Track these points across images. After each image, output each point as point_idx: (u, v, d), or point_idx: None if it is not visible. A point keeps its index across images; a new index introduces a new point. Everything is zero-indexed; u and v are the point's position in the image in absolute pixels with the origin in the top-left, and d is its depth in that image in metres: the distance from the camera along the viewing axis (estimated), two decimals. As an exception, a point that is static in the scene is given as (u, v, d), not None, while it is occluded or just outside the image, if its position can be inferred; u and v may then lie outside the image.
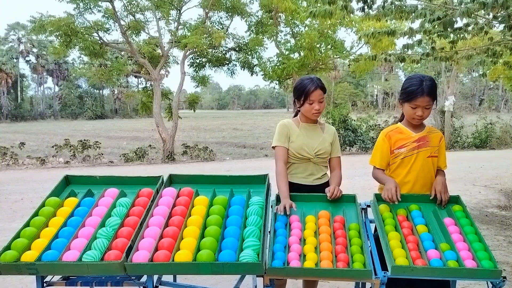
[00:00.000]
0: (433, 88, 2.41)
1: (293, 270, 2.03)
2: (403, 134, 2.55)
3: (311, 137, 2.72)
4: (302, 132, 2.72)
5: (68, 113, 51.26)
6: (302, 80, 2.68)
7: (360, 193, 3.06)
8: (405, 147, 2.53)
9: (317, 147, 2.70)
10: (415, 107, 2.43)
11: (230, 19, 14.99)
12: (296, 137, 2.70)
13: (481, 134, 16.88)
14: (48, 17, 12.60)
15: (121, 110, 57.13)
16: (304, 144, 2.69)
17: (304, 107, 2.65)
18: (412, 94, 2.41)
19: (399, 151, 2.53)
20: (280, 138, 2.69)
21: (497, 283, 2.01)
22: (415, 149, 2.52)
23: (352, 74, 24.81)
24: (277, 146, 2.69)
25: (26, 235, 2.21)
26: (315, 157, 2.71)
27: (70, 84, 53.06)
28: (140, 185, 2.66)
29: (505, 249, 4.62)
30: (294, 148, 2.68)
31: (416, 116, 2.45)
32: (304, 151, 2.68)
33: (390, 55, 7.60)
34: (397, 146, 2.54)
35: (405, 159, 2.53)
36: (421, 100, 2.40)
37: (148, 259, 2.01)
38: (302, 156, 2.69)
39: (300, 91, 2.63)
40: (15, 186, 8.98)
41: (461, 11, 4.39)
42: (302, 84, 2.63)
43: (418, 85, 2.39)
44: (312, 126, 2.76)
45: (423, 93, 2.38)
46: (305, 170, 2.74)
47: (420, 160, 2.52)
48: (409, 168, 2.53)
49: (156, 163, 13.44)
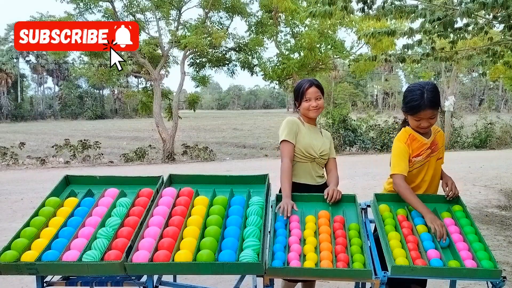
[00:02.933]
0: (435, 99, 2.32)
1: (293, 270, 2.03)
2: (418, 141, 2.47)
3: (315, 137, 2.76)
4: (307, 131, 2.74)
5: (68, 113, 51.22)
6: (299, 82, 2.80)
7: (360, 193, 3.06)
8: (421, 155, 2.47)
9: (321, 147, 2.73)
10: (419, 119, 2.38)
11: (230, 19, 15.00)
12: (303, 135, 2.71)
13: (481, 134, 16.88)
14: (48, 17, 12.62)
15: (121, 110, 57.09)
16: (311, 143, 2.70)
17: (302, 106, 2.71)
18: (414, 108, 2.34)
19: (416, 159, 2.48)
20: (290, 133, 2.67)
21: (497, 283, 2.01)
22: (429, 156, 2.49)
23: (352, 74, 24.82)
24: (286, 140, 2.65)
25: (26, 235, 2.22)
26: (319, 157, 2.73)
27: (70, 84, 53.03)
28: (140, 185, 2.66)
29: (505, 249, 4.62)
30: (303, 146, 2.68)
31: (422, 127, 2.41)
32: (312, 149, 2.70)
33: (390, 55, 7.61)
34: (414, 154, 2.47)
35: (421, 167, 2.50)
36: (424, 114, 2.34)
37: (148, 259, 2.01)
38: (310, 155, 2.70)
39: (297, 91, 2.73)
40: (15, 186, 8.98)
41: (461, 11, 4.39)
42: (299, 85, 2.74)
43: (419, 99, 2.30)
44: (313, 128, 2.79)
45: (425, 107, 2.31)
46: (311, 170, 2.74)
47: (433, 165, 2.52)
48: (424, 175, 2.52)
49: (156, 163, 13.44)
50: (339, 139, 15.32)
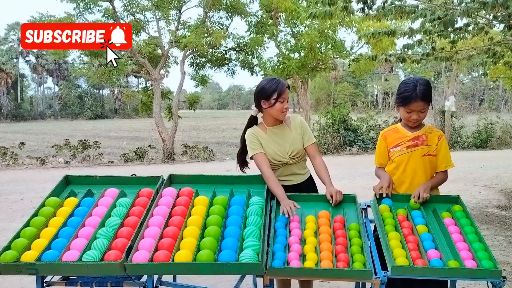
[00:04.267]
0: (427, 93, 2.42)
1: (293, 270, 2.03)
2: (399, 133, 2.60)
3: (281, 140, 2.69)
4: (271, 137, 2.69)
5: (68, 113, 51.19)
6: (268, 81, 2.62)
7: (360, 193, 3.06)
8: (399, 146, 2.57)
9: (289, 149, 2.68)
10: (410, 111, 2.48)
11: (230, 19, 14.98)
12: (266, 144, 2.67)
13: (481, 134, 16.88)
14: (48, 17, 12.61)
15: (121, 110, 57.07)
16: (276, 149, 2.66)
17: (275, 107, 2.59)
18: (406, 99, 2.44)
19: (394, 150, 2.59)
20: (254, 146, 2.65)
21: (497, 283, 2.01)
22: (409, 147, 2.55)
23: (352, 74, 24.80)
24: (254, 155, 2.64)
25: (26, 235, 2.21)
26: (291, 159, 2.69)
27: (70, 84, 52.99)
28: (140, 185, 2.66)
29: (505, 249, 4.62)
30: (269, 155, 2.65)
31: (412, 119, 2.50)
32: (278, 156, 2.66)
33: (390, 55, 7.60)
34: (392, 145, 2.60)
35: (399, 157, 2.56)
36: (415, 105, 2.43)
37: (148, 259, 2.01)
38: (278, 161, 2.68)
39: (272, 91, 2.56)
40: (15, 186, 8.97)
41: (461, 10, 4.39)
42: (273, 84, 2.58)
43: (411, 90, 2.41)
44: (279, 128, 2.71)
45: (416, 99, 2.41)
46: (284, 171, 2.73)
47: (415, 159, 2.53)
48: (404, 166, 2.56)
49: (156, 163, 13.44)
50: (339, 139, 15.32)
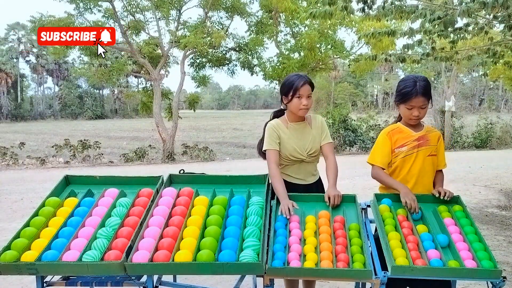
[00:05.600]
0: (427, 88, 2.43)
1: (293, 270, 2.03)
2: (404, 133, 2.57)
3: (302, 137, 2.71)
4: (292, 133, 2.70)
5: (68, 113, 51.18)
6: (290, 76, 2.68)
7: (360, 193, 3.06)
8: (406, 146, 2.54)
9: (308, 147, 2.69)
10: (410, 107, 2.47)
11: (230, 19, 14.98)
12: (287, 139, 2.68)
13: (481, 134, 16.88)
14: (48, 17, 12.59)
15: (121, 110, 57.05)
16: (296, 145, 2.67)
17: (292, 103, 2.62)
18: (407, 95, 2.44)
19: (400, 150, 2.55)
20: (271, 142, 2.67)
21: (497, 283, 2.01)
22: (415, 148, 2.53)
23: (352, 74, 24.81)
24: (268, 149, 2.66)
25: (26, 235, 2.21)
26: (308, 157, 2.70)
27: (70, 84, 52.97)
28: (140, 185, 2.66)
29: (505, 249, 4.62)
30: (287, 151, 2.67)
31: (413, 116, 2.49)
32: (296, 152, 2.68)
33: (390, 55, 7.61)
34: (398, 145, 2.56)
35: (406, 157, 2.54)
36: (416, 101, 2.43)
37: (148, 259, 2.01)
38: (295, 158, 2.69)
39: (289, 86, 2.61)
40: (15, 186, 8.98)
41: (461, 10, 4.39)
42: (291, 80, 2.63)
43: (412, 86, 2.43)
44: (300, 125, 2.73)
45: (417, 94, 2.41)
46: (299, 170, 2.74)
47: (421, 159, 2.53)
48: (410, 167, 2.55)
49: (156, 163, 13.44)
50: (339, 139, 15.33)
